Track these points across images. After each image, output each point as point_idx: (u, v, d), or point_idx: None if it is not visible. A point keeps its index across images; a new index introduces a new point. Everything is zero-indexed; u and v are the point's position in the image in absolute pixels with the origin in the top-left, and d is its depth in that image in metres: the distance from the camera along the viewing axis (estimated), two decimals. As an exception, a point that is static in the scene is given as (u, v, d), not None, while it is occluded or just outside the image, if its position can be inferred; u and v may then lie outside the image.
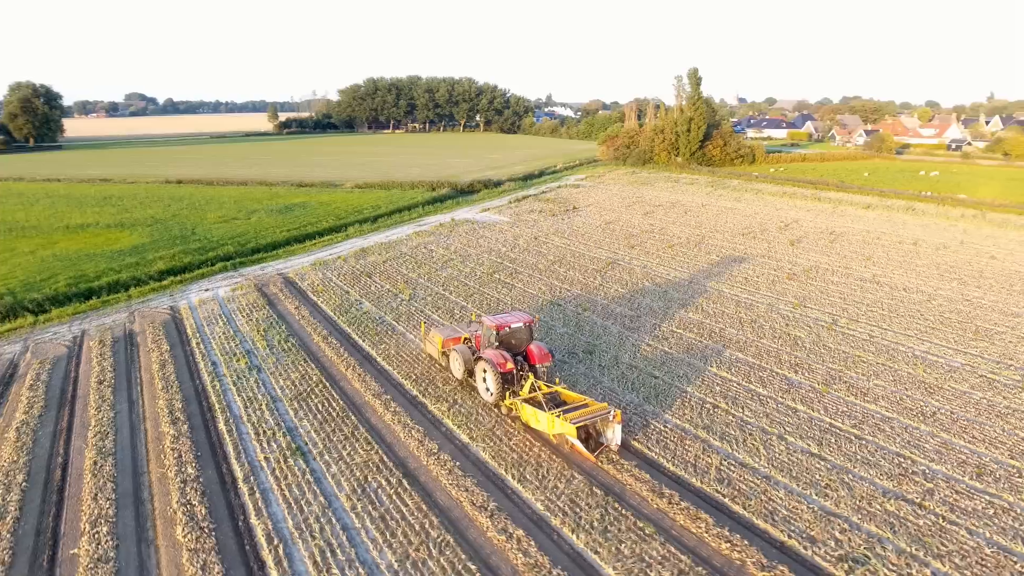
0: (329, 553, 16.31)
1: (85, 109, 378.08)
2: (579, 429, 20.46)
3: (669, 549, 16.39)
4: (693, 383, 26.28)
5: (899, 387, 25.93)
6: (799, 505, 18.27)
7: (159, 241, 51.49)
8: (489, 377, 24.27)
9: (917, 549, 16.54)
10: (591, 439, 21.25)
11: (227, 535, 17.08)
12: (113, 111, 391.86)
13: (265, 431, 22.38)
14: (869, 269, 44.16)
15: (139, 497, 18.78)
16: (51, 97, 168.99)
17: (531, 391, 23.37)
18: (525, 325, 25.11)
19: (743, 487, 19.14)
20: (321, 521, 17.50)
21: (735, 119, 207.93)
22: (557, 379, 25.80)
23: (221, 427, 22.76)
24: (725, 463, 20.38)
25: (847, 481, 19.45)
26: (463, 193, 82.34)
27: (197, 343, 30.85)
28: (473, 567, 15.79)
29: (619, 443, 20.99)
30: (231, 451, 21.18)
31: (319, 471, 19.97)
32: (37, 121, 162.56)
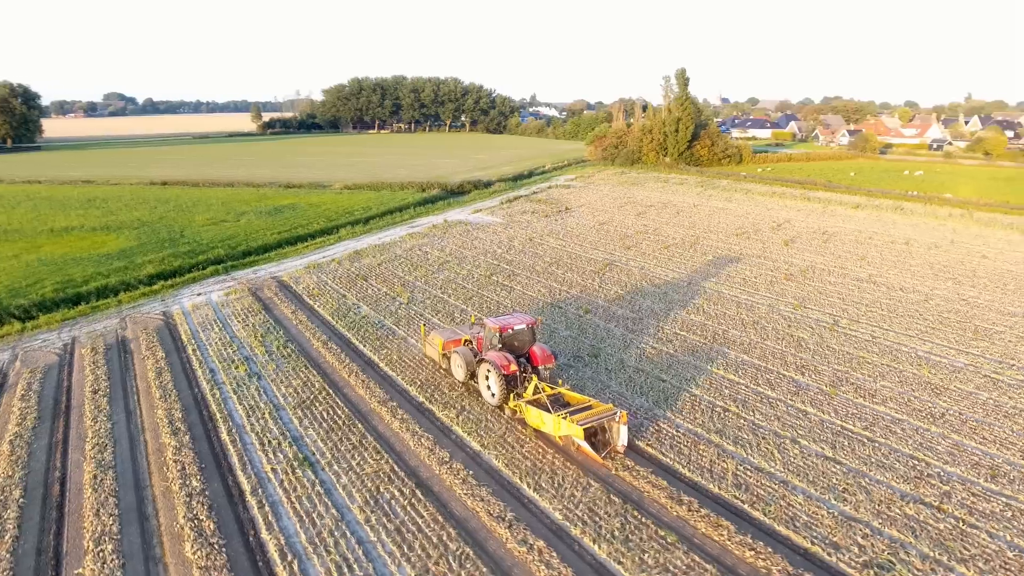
0: (346, 568, 15.84)
1: (63, 109, 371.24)
2: (585, 430, 20.27)
3: (693, 558, 16.12)
4: (701, 386, 26.10)
5: (906, 388, 25.95)
6: (819, 510, 18.11)
7: (147, 244, 50.41)
8: (492, 379, 24.01)
9: (940, 554, 16.43)
10: (598, 440, 21.08)
11: (238, 551, 16.53)
12: (92, 111, 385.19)
13: (270, 441, 21.80)
14: (864, 269, 44.38)
15: (143, 512, 18.15)
16: (29, 97, 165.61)
17: (535, 393, 23.16)
18: (528, 327, 24.86)
19: (761, 492, 18.95)
20: (335, 535, 17.01)
21: (719, 119, 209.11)
22: (560, 380, 25.54)
23: (224, 437, 22.13)
24: (741, 468, 20.19)
25: (864, 485, 19.33)
26: (453, 194, 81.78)
27: (193, 350, 30.10)
28: (495, 580, 15.43)
29: (625, 444, 20.87)
30: (236, 462, 20.58)
31: (329, 482, 19.45)
32: (15, 122, 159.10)
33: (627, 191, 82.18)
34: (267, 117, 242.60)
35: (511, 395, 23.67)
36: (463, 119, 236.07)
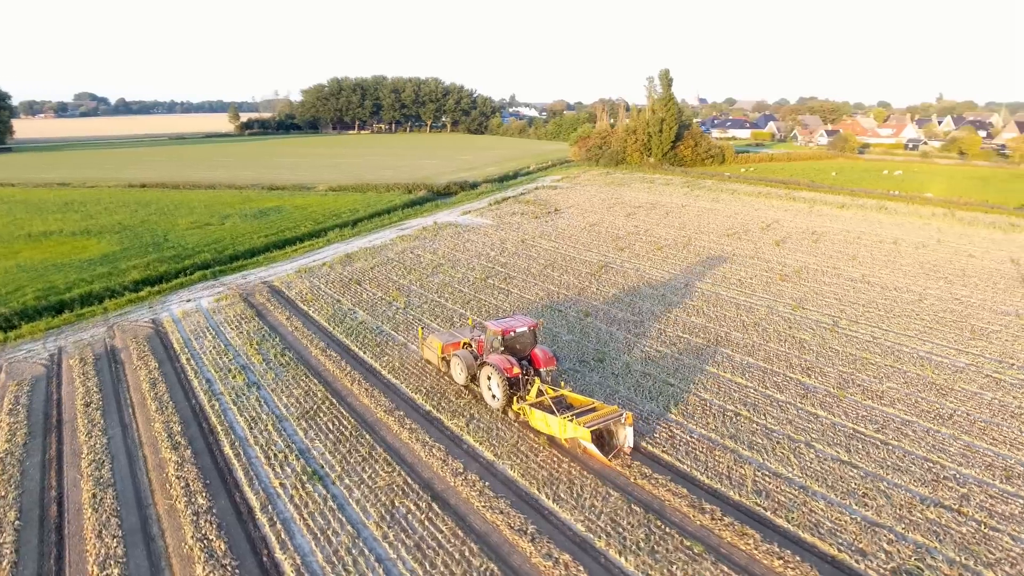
0: (367, 588, 15.29)
1: (32, 110, 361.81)
2: (592, 433, 20.12)
3: (722, 569, 15.84)
4: (710, 389, 25.91)
5: (912, 389, 26.03)
6: (842, 516, 17.96)
7: (130, 249, 49.03)
8: (495, 382, 23.78)
9: (966, 558, 16.36)
10: (604, 442, 20.93)
11: (252, 573, 15.88)
12: (62, 111, 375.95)
13: (276, 454, 21.10)
14: (857, 269, 44.72)
15: (148, 533, 17.38)
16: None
17: (538, 395, 22.94)
18: (529, 329, 24.69)
19: (782, 499, 18.75)
20: (353, 553, 16.42)
21: (699, 119, 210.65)
22: (562, 383, 25.28)
23: (227, 451, 21.38)
24: (759, 474, 19.99)
25: (883, 489, 19.25)
26: (440, 195, 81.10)
27: (187, 359, 29.18)
28: (523, 597, 14.99)
29: (631, 445, 20.88)
30: (242, 477, 19.87)
31: (341, 497, 18.84)
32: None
33: (614, 192, 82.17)
34: (245, 117, 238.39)
35: (514, 398, 23.47)
36: (444, 119, 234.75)
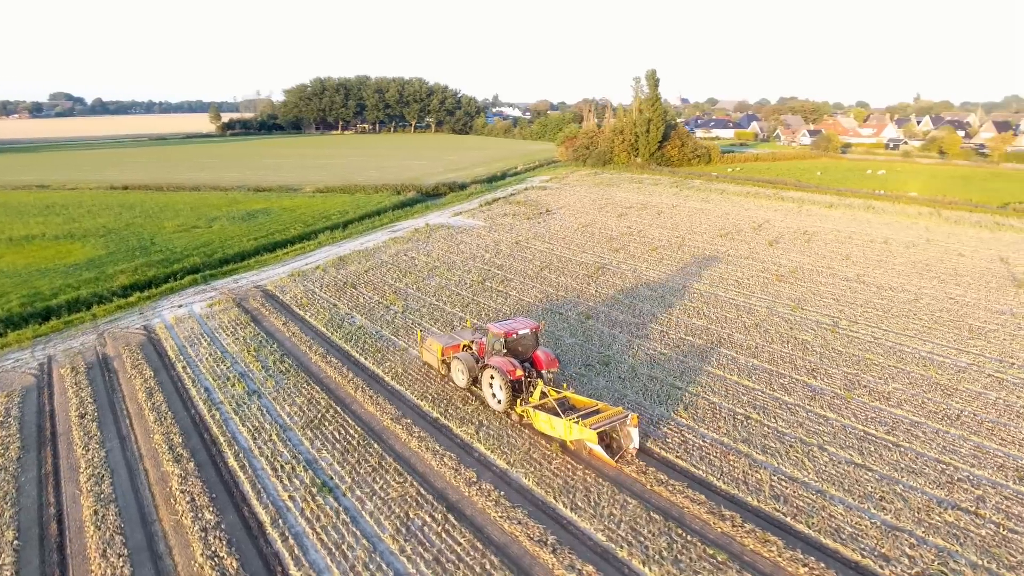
0: (388, 605, 14.85)
1: (6, 110, 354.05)
2: (598, 434, 20.05)
3: (748, 578, 15.64)
4: (718, 392, 25.78)
5: (918, 390, 26.10)
6: (861, 520, 17.85)
7: (116, 253, 47.93)
8: (497, 385, 23.61)
9: (989, 561, 16.32)
10: (611, 444, 20.86)
11: (267, 590, 15.37)
12: (37, 112, 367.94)
13: (282, 465, 20.55)
14: (851, 269, 44.99)
15: (155, 551, 16.77)
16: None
17: (541, 397, 22.79)
18: (531, 331, 24.54)
19: (800, 503, 18.62)
20: (371, 568, 15.97)
21: (682, 119, 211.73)
22: (565, 384, 25.10)
23: (232, 463, 20.78)
24: (775, 478, 19.84)
25: (900, 492, 19.19)
26: (430, 196, 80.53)
27: (183, 367, 28.44)
28: (548, 611, 14.64)
29: (637, 446, 20.86)
30: (249, 491, 19.29)
31: (353, 509, 18.36)
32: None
33: (604, 192, 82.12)
34: (226, 118, 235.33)
35: (517, 400, 23.29)
36: (429, 120, 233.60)
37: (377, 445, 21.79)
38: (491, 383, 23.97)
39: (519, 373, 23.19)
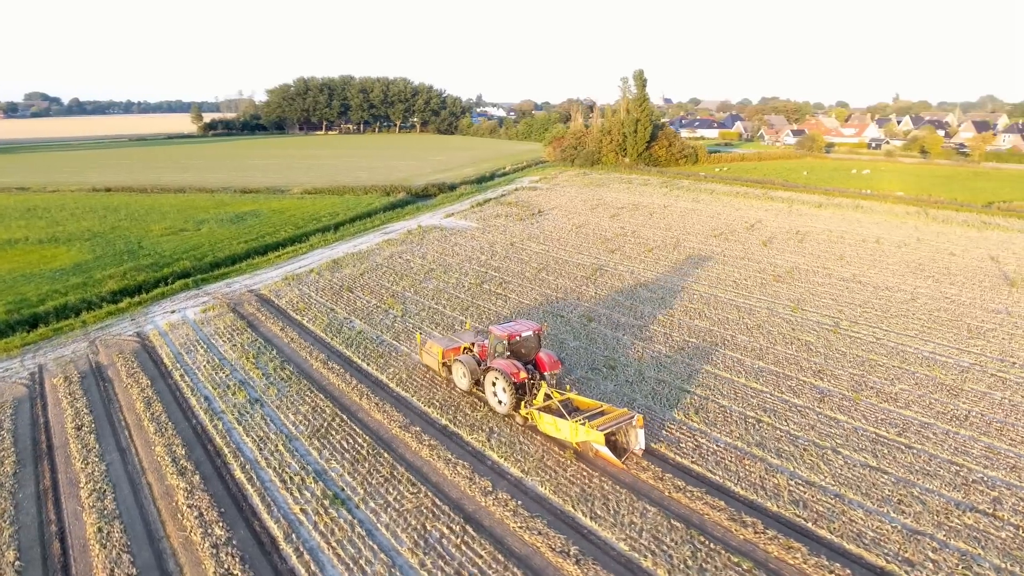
0: (412, 622, 14.44)
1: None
2: (605, 436, 19.97)
3: (776, 586, 15.45)
4: (727, 395, 25.65)
5: (924, 390, 26.18)
6: (882, 525, 17.77)
7: (103, 258, 46.83)
8: (500, 387, 23.48)
9: (1012, 564, 16.30)
10: (616, 445, 20.76)
11: (285, 609, 14.88)
12: (12, 112, 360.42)
13: (291, 477, 20.03)
14: (846, 269, 45.25)
15: (165, 570, 16.20)
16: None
17: (545, 399, 22.69)
18: (534, 333, 24.45)
19: (820, 508, 18.49)
20: (391, 583, 15.56)
21: (666, 119, 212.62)
22: (568, 386, 24.94)
23: (238, 475, 20.21)
24: (792, 483, 19.71)
25: (917, 495, 19.15)
26: (420, 197, 79.89)
27: (180, 375, 27.73)
28: (577, 625, 14.33)
29: (643, 447, 20.84)
30: (259, 504, 18.76)
31: (368, 522, 17.91)
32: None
33: (594, 192, 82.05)
34: (208, 118, 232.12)
35: (521, 403, 23.11)
36: (413, 120, 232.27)
37: (387, 454, 21.33)
38: (494, 386, 23.84)
39: (523, 375, 23.10)
